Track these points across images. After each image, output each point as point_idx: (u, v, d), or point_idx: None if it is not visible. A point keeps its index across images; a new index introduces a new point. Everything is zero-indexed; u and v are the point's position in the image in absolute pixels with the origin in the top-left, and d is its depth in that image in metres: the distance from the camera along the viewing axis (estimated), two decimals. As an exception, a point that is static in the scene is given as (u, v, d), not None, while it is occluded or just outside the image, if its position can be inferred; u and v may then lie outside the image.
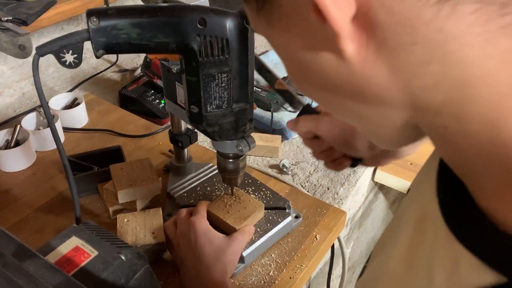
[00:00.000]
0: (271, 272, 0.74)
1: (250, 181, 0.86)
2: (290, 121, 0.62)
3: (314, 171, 0.99)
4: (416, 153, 1.20)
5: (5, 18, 0.90)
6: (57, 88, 1.24)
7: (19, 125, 0.96)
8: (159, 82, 1.11)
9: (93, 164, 0.90)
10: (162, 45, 0.53)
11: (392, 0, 0.24)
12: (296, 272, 0.74)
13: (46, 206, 0.85)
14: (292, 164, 1.00)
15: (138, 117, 1.10)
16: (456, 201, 0.29)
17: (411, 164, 1.15)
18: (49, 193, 0.87)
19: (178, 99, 0.74)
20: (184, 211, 0.75)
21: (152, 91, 1.13)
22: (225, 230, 0.73)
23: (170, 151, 0.98)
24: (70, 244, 0.52)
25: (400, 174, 1.13)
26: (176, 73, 0.66)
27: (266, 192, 0.83)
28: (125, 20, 0.51)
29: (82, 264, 0.50)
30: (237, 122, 0.62)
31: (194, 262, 0.68)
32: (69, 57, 0.52)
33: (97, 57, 0.53)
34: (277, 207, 0.80)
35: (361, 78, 0.28)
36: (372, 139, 0.36)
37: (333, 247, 0.95)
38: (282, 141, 1.06)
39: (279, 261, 0.75)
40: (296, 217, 0.81)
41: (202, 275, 0.66)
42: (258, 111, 1.09)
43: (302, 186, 0.95)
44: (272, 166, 1.00)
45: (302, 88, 0.34)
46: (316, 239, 0.79)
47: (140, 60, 1.38)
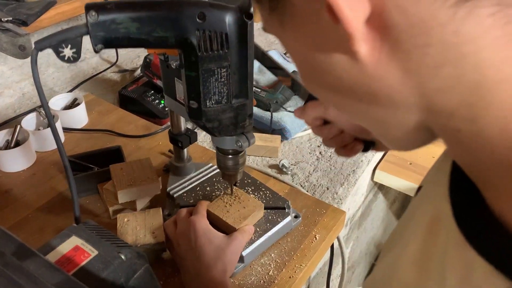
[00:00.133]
0: (271, 271, 0.74)
1: (249, 181, 0.86)
2: (298, 108, 0.61)
3: (313, 171, 0.99)
4: (416, 153, 1.21)
5: (5, 19, 0.90)
6: (57, 89, 1.25)
7: (19, 126, 0.96)
8: (158, 82, 1.11)
9: (93, 164, 0.90)
10: (161, 39, 0.53)
11: (407, 2, 0.24)
12: (295, 271, 0.74)
13: (46, 206, 0.85)
14: (291, 164, 1.00)
15: (138, 117, 1.10)
16: (469, 205, 0.28)
17: (411, 164, 1.16)
18: (49, 193, 0.88)
19: (177, 95, 0.74)
20: (184, 210, 0.75)
21: (152, 92, 1.13)
22: (225, 229, 0.74)
23: (169, 151, 0.98)
24: (70, 244, 0.52)
25: (399, 174, 1.13)
26: (175, 69, 0.66)
27: (265, 192, 0.83)
28: (124, 14, 0.51)
29: (82, 263, 0.50)
30: (237, 117, 0.61)
31: (194, 261, 0.68)
32: (67, 52, 0.51)
33: (96, 52, 0.53)
34: (276, 207, 0.80)
35: (374, 80, 0.27)
36: (384, 140, 0.35)
37: (332, 247, 0.95)
38: (282, 141, 1.06)
39: (278, 261, 0.76)
40: (296, 216, 0.81)
41: (202, 275, 0.66)
42: (257, 111, 1.09)
43: (301, 186, 0.95)
44: (271, 166, 1.00)
45: (313, 89, 0.33)
46: (316, 238, 0.79)
47: (140, 61, 1.38)
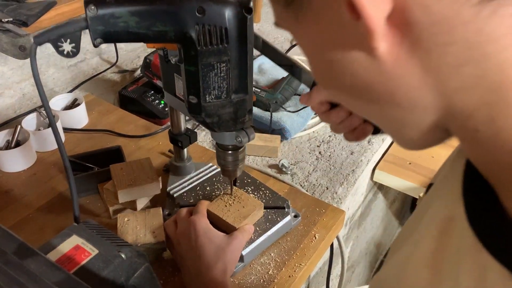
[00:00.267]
0: (270, 271, 0.74)
1: (249, 180, 0.86)
2: (304, 95, 0.60)
3: (313, 170, 0.99)
4: (415, 153, 1.21)
5: (6, 19, 0.90)
6: (57, 89, 1.25)
7: (19, 126, 0.96)
8: (158, 82, 1.11)
9: (93, 164, 0.91)
10: (160, 33, 0.53)
11: None
12: (295, 270, 0.74)
13: (47, 206, 0.85)
14: (291, 164, 1.00)
15: (138, 117, 1.10)
16: (483, 206, 0.28)
17: (410, 163, 1.16)
18: (49, 193, 0.88)
19: (177, 91, 0.73)
20: (184, 210, 0.75)
21: (152, 92, 1.13)
22: (225, 229, 0.74)
23: (169, 151, 0.98)
24: (71, 243, 0.53)
25: (399, 173, 1.13)
26: (175, 65, 0.66)
27: (265, 191, 0.84)
28: (123, 8, 0.51)
29: (83, 262, 0.50)
30: (236, 113, 0.61)
31: (195, 260, 0.68)
32: (67, 46, 0.51)
33: (95, 46, 0.52)
34: (276, 207, 0.81)
35: (392, 78, 0.27)
36: (397, 139, 0.35)
37: (332, 246, 0.95)
38: (281, 141, 1.06)
39: (278, 260, 0.76)
40: (295, 216, 0.82)
41: (202, 274, 0.67)
42: (257, 111, 1.09)
43: (301, 185, 0.95)
44: (271, 166, 1.00)
45: (327, 86, 0.33)
46: (315, 238, 0.80)
47: (139, 61, 1.38)
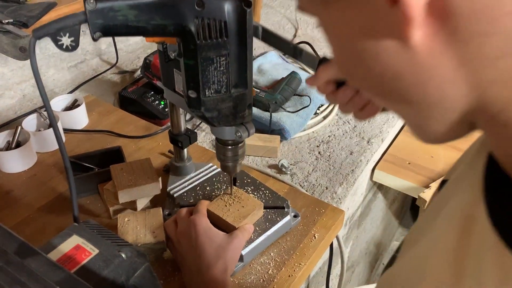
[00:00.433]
0: (270, 270, 0.74)
1: (249, 180, 0.87)
2: (310, 77, 0.59)
3: (312, 170, 1.00)
4: (415, 152, 1.21)
5: (6, 21, 0.91)
6: (58, 90, 1.25)
7: (20, 127, 0.96)
8: (158, 83, 1.12)
9: (93, 165, 0.91)
10: (159, 27, 0.53)
11: None
12: (295, 270, 0.75)
13: (47, 207, 0.85)
14: (291, 164, 1.01)
15: (138, 118, 1.11)
16: (506, 206, 0.27)
17: (409, 163, 1.16)
18: (49, 194, 0.88)
19: (176, 86, 0.73)
20: (184, 210, 0.76)
21: (152, 92, 1.14)
22: (225, 228, 0.74)
23: (169, 151, 0.99)
24: (71, 243, 0.53)
25: (398, 173, 1.14)
26: (174, 60, 0.66)
27: (265, 191, 0.84)
28: (122, 1, 0.51)
29: (83, 262, 0.50)
30: (236, 107, 0.61)
31: (195, 259, 0.68)
32: (66, 40, 0.51)
33: (94, 40, 0.52)
34: (276, 206, 0.81)
35: (424, 69, 0.26)
36: (418, 132, 0.34)
37: (332, 246, 0.95)
38: (281, 141, 1.07)
39: (278, 260, 0.76)
40: (295, 216, 0.82)
41: (203, 273, 0.67)
42: (256, 111, 1.10)
43: (300, 185, 0.95)
44: (271, 166, 1.00)
45: (351, 75, 0.32)
46: (315, 238, 0.80)
47: (139, 62, 1.38)
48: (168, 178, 0.89)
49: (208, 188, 0.85)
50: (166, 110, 1.11)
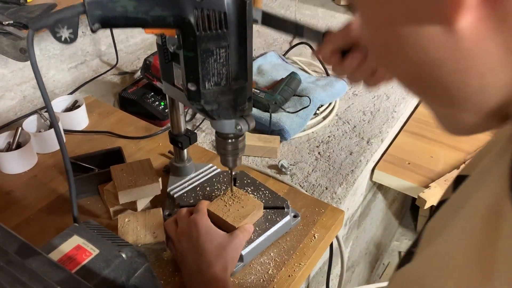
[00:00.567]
0: (270, 270, 0.75)
1: (249, 181, 0.87)
2: (315, 49, 0.58)
3: (312, 171, 1.00)
4: (414, 152, 1.21)
5: (6, 22, 0.91)
6: (58, 91, 1.25)
7: (20, 128, 0.97)
8: (158, 84, 1.12)
9: (94, 166, 0.91)
10: (159, 19, 0.53)
11: None
12: (294, 270, 0.75)
13: (47, 207, 0.86)
14: (290, 164, 1.01)
15: (138, 119, 1.11)
16: None
17: (409, 163, 1.16)
18: (50, 195, 0.88)
19: (175, 80, 0.73)
20: (184, 210, 0.76)
21: (152, 93, 1.14)
22: (225, 228, 0.74)
23: (170, 152, 0.99)
24: (72, 243, 0.53)
25: (398, 173, 1.14)
26: (173, 53, 0.65)
27: (265, 191, 0.84)
28: None
29: (84, 262, 0.51)
30: (236, 100, 0.61)
31: (196, 258, 0.69)
32: (64, 32, 0.50)
33: (93, 31, 0.51)
34: (275, 207, 0.81)
35: (468, 56, 0.25)
36: (447, 123, 0.32)
37: (332, 246, 0.96)
38: (281, 141, 1.07)
39: (278, 260, 0.76)
40: (295, 216, 0.82)
41: (203, 272, 0.67)
42: (256, 112, 1.10)
43: (300, 186, 0.96)
44: (271, 167, 1.00)
45: (385, 63, 0.31)
46: (315, 237, 0.80)
47: (139, 63, 1.39)
48: (168, 178, 0.89)
49: (208, 189, 0.85)
50: (166, 111, 1.11)
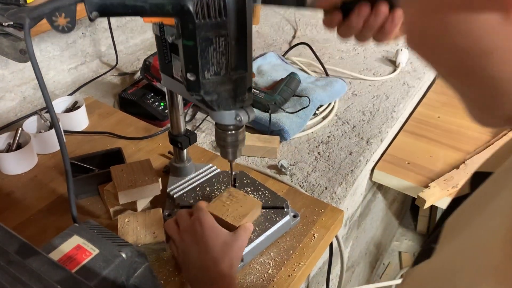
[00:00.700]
0: (270, 270, 0.75)
1: (248, 181, 0.87)
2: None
3: (312, 171, 1.00)
4: (414, 152, 1.21)
5: (6, 23, 0.91)
6: (58, 92, 1.26)
7: (20, 129, 0.97)
8: (158, 85, 1.12)
9: (94, 166, 0.91)
10: (157, 7, 0.52)
11: None
12: (294, 270, 0.75)
13: (48, 208, 0.86)
14: (290, 165, 1.01)
15: (138, 119, 1.11)
16: None
17: (409, 163, 1.17)
18: (50, 195, 0.89)
19: (174, 72, 0.72)
20: (184, 211, 0.76)
21: (152, 94, 1.14)
22: (225, 229, 0.74)
23: (169, 152, 0.99)
24: (72, 243, 0.53)
25: (398, 173, 1.14)
26: (172, 44, 0.65)
27: (264, 191, 0.84)
28: None
29: (84, 262, 0.51)
30: (236, 90, 0.60)
31: (200, 255, 0.68)
32: (62, 21, 0.50)
33: (91, 20, 0.51)
34: (275, 207, 0.81)
35: None
36: (483, 114, 0.32)
37: (331, 246, 0.96)
38: (280, 142, 1.07)
39: (277, 259, 0.76)
40: (294, 216, 0.82)
41: (209, 268, 0.66)
42: (256, 112, 1.10)
43: (300, 186, 0.96)
44: (270, 167, 1.01)
45: (427, 49, 0.30)
46: (314, 237, 0.80)
47: (139, 64, 1.39)
48: (168, 179, 0.89)
49: (208, 189, 0.85)
50: (166, 111, 1.11)
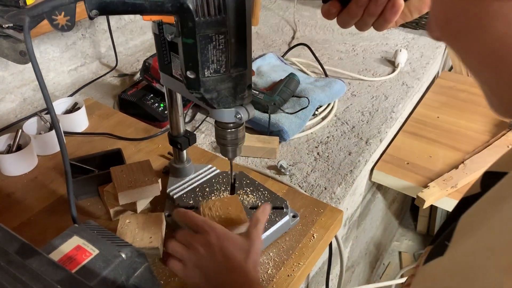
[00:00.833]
0: (269, 270, 0.75)
1: (248, 181, 0.87)
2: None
3: (311, 171, 1.00)
4: (413, 152, 1.22)
5: (6, 25, 0.92)
6: (58, 93, 1.26)
7: (20, 130, 0.97)
8: (158, 86, 1.13)
9: (94, 167, 0.92)
10: (157, 4, 0.53)
11: None
12: (294, 270, 0.75)
13: (48, 209, 0.86)
14: (289, 165, 1.01)
15: (137, 120, 1.11)
16: None
17: (408, 163, 1.17)
18: (50, 196, 0.89)
19: (173, 70, 0.72)
20: (183, 230, 0.71)
21: (151, 95, 1.15)
22: (230, 225, 0.73)
23: (169, 153, 0.99)
24: (72, 244, 0.54)
25: (397, 173, 1.14)
26: (171, 43, 0.65)
27: (264, 192, 0.85)
28: None
29: (84, 262, 0.51)
30: (236, 88, 0.61)
31: (223, 263, 0.64)
32: (61, 20, 0.50)
33: (91, 18, 0.51)
34: (275, 207, 0.81)
35: None
36: (499, 103, 0.31)
37: (331, 246, 0.96)
38: (280, 142, 1.07)
39: (277, 260, 0.77)
40: (294, 216, 0.83)
41: (235, 269, 0.63)
42: (255, 113, 1.10)
43: (299, 186, 0.96)
44: (270, 167, 1.01)
45: (458, 37, 0.29)
46: (314, 237, 0.81)
47: (139, 65, 1.39)
48: (168, 179, 0.90)
49: (207, 190, 0.86)
50: (166, 112, 1.12)
